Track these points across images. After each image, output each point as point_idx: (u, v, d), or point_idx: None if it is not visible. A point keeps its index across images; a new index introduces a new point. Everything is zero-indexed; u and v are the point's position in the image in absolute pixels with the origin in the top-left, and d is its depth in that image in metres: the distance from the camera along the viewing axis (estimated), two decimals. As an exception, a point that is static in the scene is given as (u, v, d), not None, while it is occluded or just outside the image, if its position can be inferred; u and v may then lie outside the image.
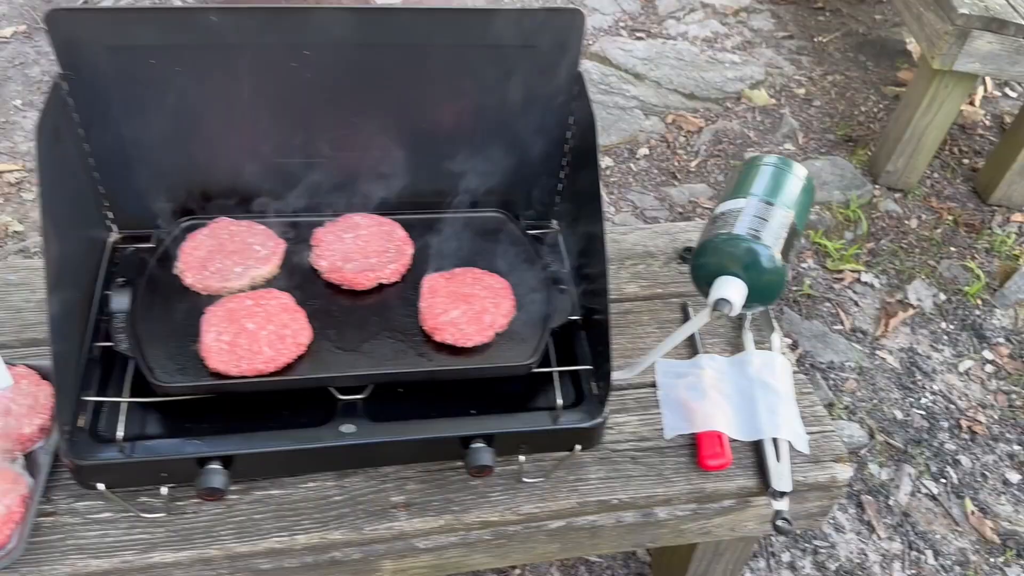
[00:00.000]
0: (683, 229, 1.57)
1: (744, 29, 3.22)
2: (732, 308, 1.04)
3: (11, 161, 2.42)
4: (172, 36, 1.03)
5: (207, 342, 1.05)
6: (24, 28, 2.93)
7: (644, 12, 3.23)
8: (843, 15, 3.42)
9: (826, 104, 2.92)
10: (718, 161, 2.64)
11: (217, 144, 1.18)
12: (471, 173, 1.27)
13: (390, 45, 1.12)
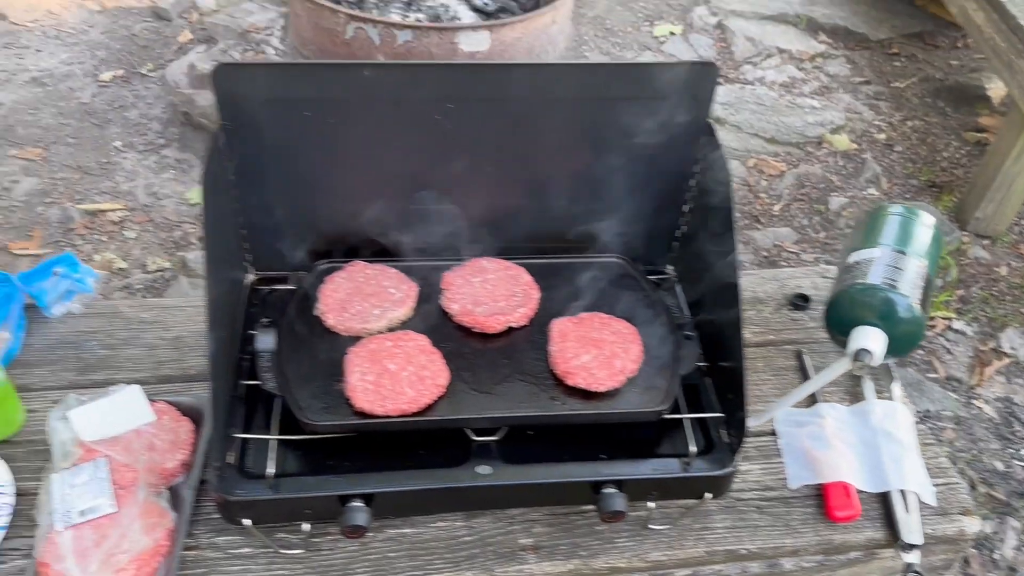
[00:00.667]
0: (791, 275, 1.57)
1: (821, 74, 3.23)
2: (873, 358, 1.04)
3: (114, 200, 2.52)
4: (327, 89, 1.08)
5: (352, 382, 1.08)
6: (122, 72, 3.07)
7: (721, 57, 3.26)
8: (918, 60, 3.41)
9: (907, 149, 2.90)
10: (802, 205, 2.64)
11: (354, 190, 1.23)
12: (593, 219, 1.29)
13: (527, 98, 1.16)
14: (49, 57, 3.09)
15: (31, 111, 2.84)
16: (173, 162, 2.69)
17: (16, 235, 2.37)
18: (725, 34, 3.38)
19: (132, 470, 1.11)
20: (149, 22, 3.33)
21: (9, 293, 1.30)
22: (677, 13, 3.55)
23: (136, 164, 2.66)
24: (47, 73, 3.01)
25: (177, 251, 2.35)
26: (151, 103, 2.91)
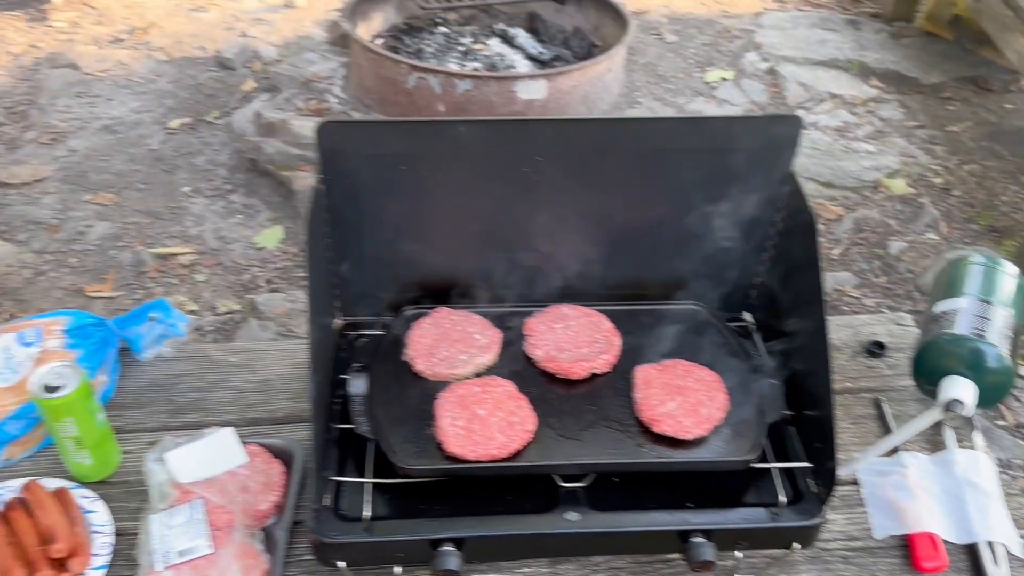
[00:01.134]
0: (865, 322, 1.57)
1: (874, 119, 3.23)
2: (966, 409, 1.04)
3: (184, 244, 2.60)
4: (423, 145, 1.12)
5: (444, 427, 1.10)
6: (189, 120, 3.18)
7: (773, 103, 3.29)
8: (972, 104, 3.40)
9: (965, 194, 2.89)
10: (861, 249, 2.63)
11: (442, 238, 1.26)
12: (672, 266, 1.31)
13: (612, 151, 1.19)
14: (120, 105, 3.22)
15: (103, 158, 2.95)
16: (240, 207, 2.77)
17: (91, 278, 2.45)
18: (777, 79, 3.41)
19: (227, 511, 1.14)
20: (214, 71, 3.46)
21: (106, 337, 1.35)
22: (728, 59, 3.59)
23: (204, 209, 2.75)
24: (118, 121, 3.13)
25: (246, 294, 2.41)
26: (217, 150, 3.01)
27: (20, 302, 2.34)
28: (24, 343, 1.32)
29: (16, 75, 3.37)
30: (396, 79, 2.91)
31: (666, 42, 3.72)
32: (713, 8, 4.10)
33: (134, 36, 3.65)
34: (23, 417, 1.23)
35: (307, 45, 3.58)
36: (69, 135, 3.04)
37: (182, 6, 3.93)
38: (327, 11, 3.94)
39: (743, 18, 3.97)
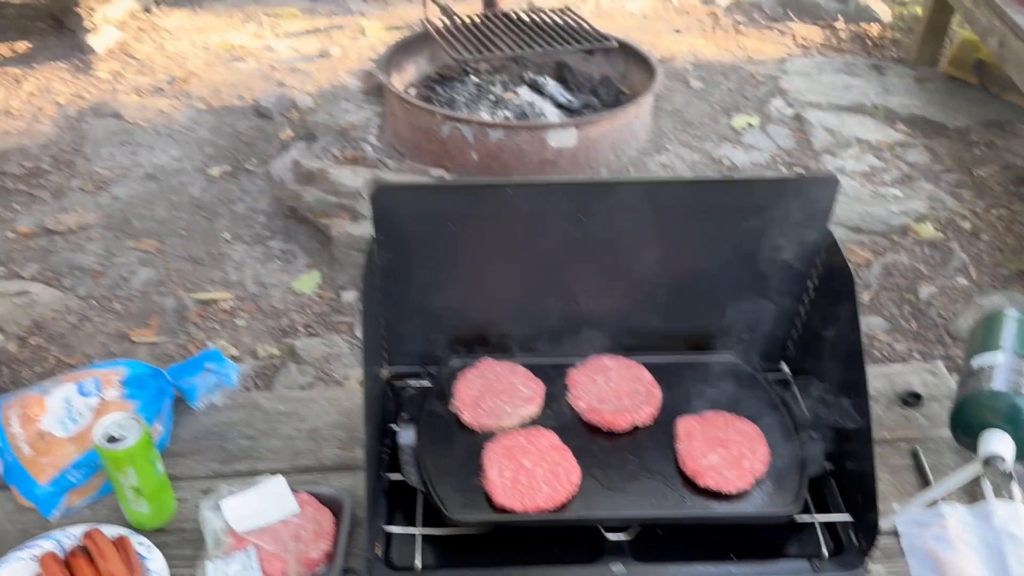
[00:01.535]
0: (899, 372, 1.59)
1: (901, 163, 3.26)
2: (1006, 465, 1.06)
3: (224, 290, 2.67)
4: (471, 206, 1.17)
5: (492, 478, 1.13)
6: (229, 168, 3.27)
7: (800, 148, 3.33)
8: (998, 148, 3.42)
9: (994, 238, 2.90)
10: (891, 294, 2.65)
11: (487, 292, 1.31)
12: (710, 318, 1.34)
13: (652, 209, 1.23)
14: (162, 154, 3.32)
15: (146, 205, 3.04)
16: (279, 252, 2.84)
17: (135, 323, 2.52)
18: (803, 125, 3.46)
19: (280, 559, 1.17)
20: (252, 120, 3.56)
21: (162, 388, 1.40)
22: (754, 105, 3.64)
23: (244, 255, 2.82)
24: (160, 169, 3.23)
25: (284, 338, 2.47)
26: (256, 197, 3.10)
27: (66, 348, 2.41)
28: (84, 393, 1.37)
29: (62, 124, 3.49)
30: (430, 128, 2.99)
31: (692, 88, 3.79)
32: (738, 55, 4.17)
33: (174, 86, 3.77)
34: (84, 466, 1.28)
35: (342, 94, 3.68)
36: (113, 183, 3.14)
37: (220, 56, 4.06)
38: (360, 60, 4.06)
39: (768, 64, 4.03)
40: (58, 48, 4.11)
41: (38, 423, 1.32)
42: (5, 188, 3.09)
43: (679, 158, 3.22)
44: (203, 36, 4.25)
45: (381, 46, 4.19)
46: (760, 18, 4.64)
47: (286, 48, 4.17)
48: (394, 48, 3.42)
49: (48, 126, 3.47)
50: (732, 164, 3.20)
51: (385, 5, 4.71)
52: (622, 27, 4.48)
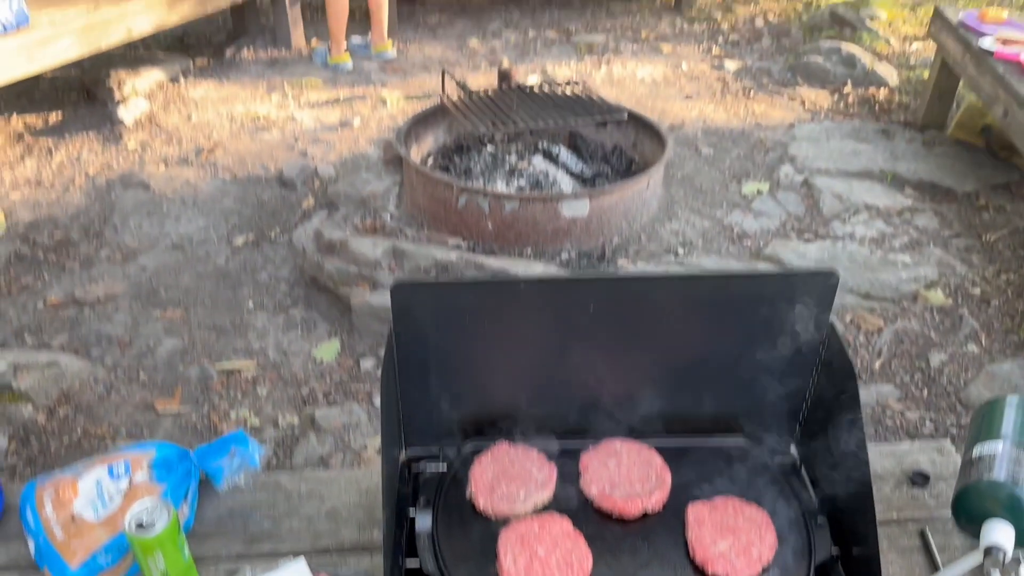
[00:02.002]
0: (908, 451, 1.61)
1: (910, 228, 3.31)
2: (1006, 556, 1.08)
3: (247, 358, 2.73)
4: (487, 300, 1.23)
5: (506, 566, 1.17)
6: (253, 237, 3.37)
7: (809, 214, 3.39)
8: (1007, 212, 3.47)
9: (1004, 304, 2.92)
10: (902, 362, 2.67)
11: (501, 377, 1.36)
12: (719, 403, 1.39)
13: (661, 302, 1.29)
14: (187, 224, 3.43)
15: (172, 274, 3.13)
16: (300, 321, 2.91)
17: (160, 393, 2.58)
18: (812, 191, 3.52)
19: (302, 642, 1.21)
20: (276, 190, 3.67)
21: (189, 470, 1.45)
22: (763, 171, 3.71)
23: (266, 323, 2.90)
24: (186, 238, 3.33)
25: (304, 407, 2.52)
26: (279, 265, 3.19)
27: (93, 418, 2.48)
28: (114, 476, 1.42)
29: (91, 195, 3.62)
30: (447, 199, 3.08)
31: (702, 155, 3.87)
32: (747, 120, 4.26)
33: (201, 156, 3.90)
34: (114, 549, 1.33)
35: (363, 163, 3.79)
36: (140, 253, 3.24)
37: (245, 126, 4.20)
38: (380, 130, 4.19)
39: (777, 130, 4.12)
40: (89, 119, 4.27)
41: (70, 506, 1.38)
42: (36, 259, 3.20)
43: (690, 225, 3.28)
44: (229, 106, 4.40)
45: (401, 115, 4.33)
46: (769, 83, 4.75)
47: (309, 118, 4.31)
48: (412, 120, 3.53)
49: (78, 196, 3.60)
50: (742, 231, 3.26)
51: (404, 75, 4.86)
52: (634, 94, 4.60)
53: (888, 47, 5.16)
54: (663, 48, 5.28)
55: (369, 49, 5.11)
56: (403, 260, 2.96)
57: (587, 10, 5.90)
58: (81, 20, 3.83)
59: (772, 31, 5.52)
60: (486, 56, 5.20)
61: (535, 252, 3.05)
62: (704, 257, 3.06)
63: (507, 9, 5.95)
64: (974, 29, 3.71)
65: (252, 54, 5.07)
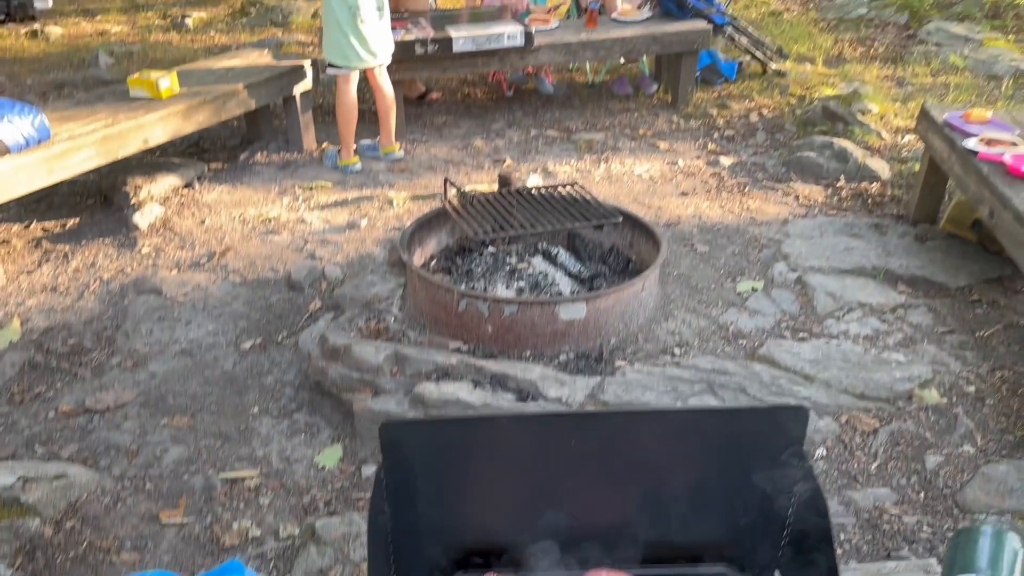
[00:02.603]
0: (892, 570, 1.64)
1: (904, 325, 3.37)
2: None
3: (250, 467, 2.78)
4: (473, 437, 1.30)
5: None
6: (260, 340, 3.46)
7: (803, 312, 3.45)
8: (1001, 307, 3.52)
9: (999, 402, 2.95)
10: (898, 464, 2.70)
11: (488, 511, 1.41)
12: (700, 531, 1.43)
13: (641, 436, 1.35)
14: (197, 328, 3.52)
15: (181, 381, 3.21)
16: (303, 426, 2.97)
17: (165, 503, 2.63)
18: (806, 289, 3.60)
19: None
20: (284, 292, 3.78)
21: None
22: (758, 269, 3.80)
23: (270, 429, 2.96)
24: (195, 344, 3.42)
25: (306, 517, 2.56)
26: (284, 369, 3.26)
27: (99, 530, 2.52)
28: (116, 606, 1.47)
29: (105, 300, 3.73)
30: (447, 303, 3.17)
31: (698, 253, 3.97)
32: (742, 216, 4.38)
33: (212, 260, 4.03)
34: None
35: (369, 265, 3.91)
36: (150, 359, 3.33)
37: (257, 229, 4.35)
38: (386, 230, 4.32)
39: (771, 226, 4.23)
40: (105, 224, 4.43)
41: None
42: (49, 366, 3.29)
43: (686, 324, 3.35)
44: (241, 209, 4.56)
45: (407, 215, 4.46)
46: (764, 178, 4.88)
47: (318, 220, 4.45)
48: (416, 224, 3.66)
49: (92, 302, 3.71)
50: (738, 330, 3.32)
51: (411, 176, 5.03)
52: (632, 191, 4.74)
53: (880, 140, 5.31)
54: (660, 145, 5.45)
55: (378, 150, 5.29)
56: (405, 365, 3.03)
57: (587, 109, 6.11)
58: (100, 133, 4.02)
59: (766, 126, 5.69)
60: (490, 155, 5.38)
61: (534, 355, 3.12)
62: (700, 357, 3.12)
63: (510, 109, 6.16)
64: (959, 129, 3.83)
65: (265, 157, 5.26)
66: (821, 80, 6.45)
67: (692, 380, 2.95)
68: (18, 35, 7.82)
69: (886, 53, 7.42)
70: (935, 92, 6.24)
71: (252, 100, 4.87)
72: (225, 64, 5.15)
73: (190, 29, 8.04)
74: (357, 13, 4.60)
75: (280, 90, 5.07)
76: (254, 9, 8.51)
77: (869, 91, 6.02)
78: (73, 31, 8.04)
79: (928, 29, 7.84)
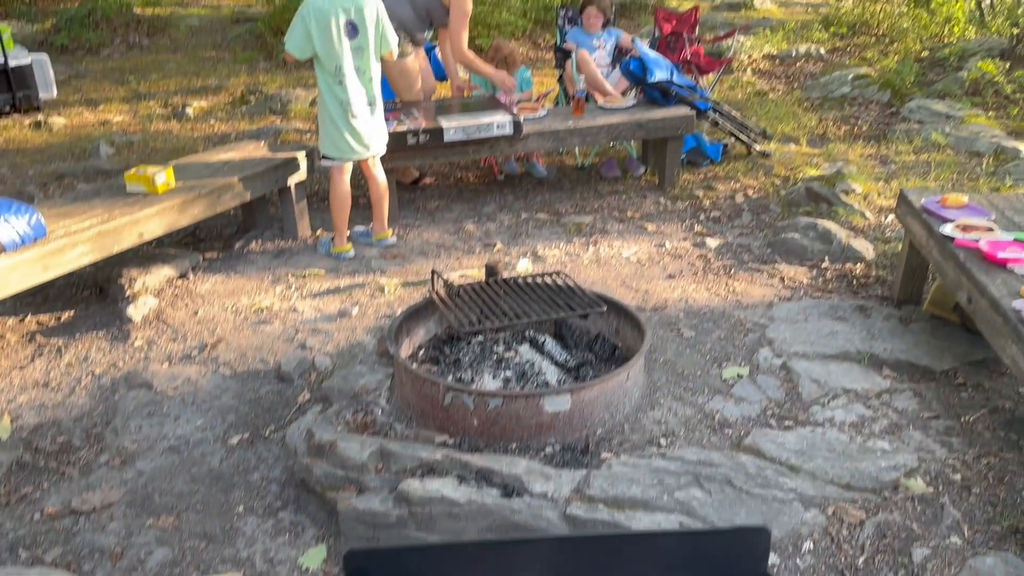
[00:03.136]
0: None
1: (889, 411, 3.38)
2: None
3: (234, 569, 2.77)
4: (439, 564, 1.31)
5: None
6: (248, 435, 3.47)
7: (789, 399, 3.47)
8: (985, 390, 3.54)
9: (985, 491, 2.95)
10: (885, 557, 2.68)
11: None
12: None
13: (605, 562, 1.36)
14: (185, 424, 3.54)
15: (167, 479, 3.21)
16: (288, 525, 2.96)
17: (147, 609, 2.61)
18: (791, 375, 3.62)
19: None
20: (273, 384, 3.81)
21: None
22: (743, 354, 3.83)
23: (255, 528, 2.95)
24: (183, 440, 3.43)
25: (287, 624, 2.54)
26: (271, 465, 3.27)
27: (79, 638, 2.50)
28: None
29: (96, 396, 3.76)
30: (434, 396, 3.20)
31: (684, 338, 4.01)
32: (728, 299, 4.43)
33: (204, 352, 4.07)
34: None
35: (358, 354, 3.95)
36: (138, 457, 3.34)
37: (248, 319, 4.40)
38: (377, 318, 4.37)
39: (756, 309, 4.28)
40: (99, 316, 4.48)
41: None
42: (37, 466, 3.30)
43: (672, 413, 3.37)
44: (233, 299, 4.62)
45: (398, 302, 4.52)
46: (749, 260, 4.96)
47: (310, 308, 4.51)
48: (404, 314, 3.71)
49: (83, 398, 3.74)
50: (723, 419, 3.34)
51: (403, 261, 5.11)
52: (620, 275, 4.80)
53: (864, 220, 5.40)
54: (648, 226, 5.54)
55: (371, 237, 5.39)
56: (390, 461, 3.04)
57: (576, 191, 6.24)
58: (95, 229, 4.11)
59: (752, 207, 5.80)
60: (480, 239, 5.47)
61: (520, 447, 3.13)
62: (686, 448, 3.13)
63: (501, 192, 6.29)
64: (936, 214, 3.91)
65: (260, 245, 5.35)
66: (805, 160, 6.60)
67: (678, 472, 2.95)
68: (22, 126, 8.03)
69: (869, 131, 7.61)
70: (918, 170, 6.37)
71: (247, 192, 4.98)
72: (221, 157, 5.29)
73: (190, 118, 8.26)
74: (348, 108, 4.75)
75: (275, 181, 5.20)
76: (253, 97, 8.76)
77: (853, 171, 6.15)
78: (76, 121, 8.26)
79: (910, 107, 8.05)
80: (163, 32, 12.38)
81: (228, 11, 13.85)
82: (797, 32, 11.98)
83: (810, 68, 10.19)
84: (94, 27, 11.74)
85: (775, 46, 11.11)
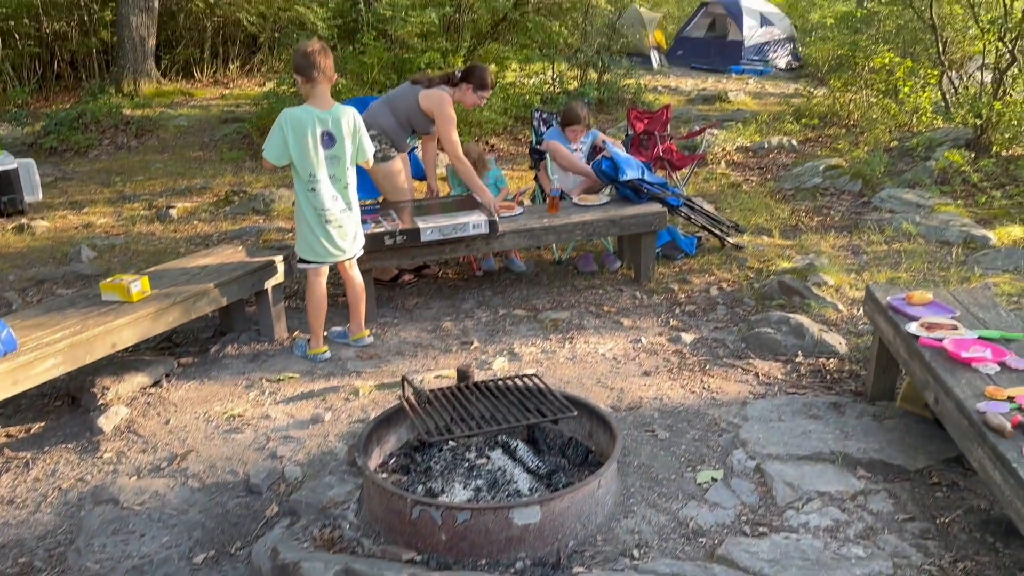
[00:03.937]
0: None
1: (864, 514, 3.34)
2: None
3: None
4: None
5: None
6: (213, 553, 3.39)
7: (763, 503, 3.43)
8: (961, 489, 3.51)
9: (965, 599, 2.90)
10: (861, 676, 2.61)
11: None
12: None
13: None
14: (151, 541, 3.46)
15: (128, 602, 3.12)
16: (249, 653, 2.87)
17: None
18: (765, 478, 3.59)
19: None
20: (241, 497, 3.74)
21: None
22: (718, 455, 3.81)
23: (215, 657, 2.85)
24: (147, 560, 3.35)
25: None
26: (235, 586, 3.19)
27: None
28: None
29: (62, 512, 3.68)
30: (401, 510, 3.15)
31: (658, 439, 3.98)
32: (702, 396, 4.43)
33: (174, 464, 4.01)
34: None
35: (329, 462, 3.90)
36: (99, 578, 3.25)
37: (220, 428, 4.36)
38: (350, 423, 4.33)
39: (730, 407, 4.27)
40: (70, 427, 4.43)
41: None
42: (-5, 591, 3.21)
43: (646, 521, 3.32)
44: (206, 407, 4.58)
45: (372, 405, 4.50)
46: (724, 355, 4.98)
47: (282, 414, 4.47)
48: (375, 423, 3.69)
49: (48, 515, 3.66)
50: (698, 526, 3.29)
51: (379, 362, 5.11)
52: (595, 372, 4.81)
53: (836, 313, 5.45)
54: (624, 321, 5.58)
55: (347, 337, 5.39)
56: (356, 581, 2.97)
57: (553, 286, 6.29)
58: (67, 340, 4.10)
59: (726, 300, 5.86)
60: (458, 337, 5.48)
61: (489, 563, 3.07)
62: (659, 560, 3.07)
63: (480, 287, 6.35)
64: (902, 312, 3.96)
65: (236, 349, 5.34)
66: (778, 252, 6.71)
67: (650, 585, 2.90)
68: (5, 230, 8.10)
69: (842, 221, 7.76)
70: (889, 260, 6.48)
71: (224, 298, 5.01)
72: (199, 263, 5.33)
73: (174, 219, 8.36)
74: (323, 214, 4.83)
75: (252, 286, 5.23)
76: (238, 198, 8.89)
77: (824, 263, 6.24)
78: (59, 224, 8.34)
79: (881, 196, 8.24)
80: (152, 133, 12.65)
81: (217, 111, 14.20)
82: (770, 124, 12.34)
83: (783, 159, 10.46)
84: (83, 129, 12.00)
85: (748, 138, 11.42)
